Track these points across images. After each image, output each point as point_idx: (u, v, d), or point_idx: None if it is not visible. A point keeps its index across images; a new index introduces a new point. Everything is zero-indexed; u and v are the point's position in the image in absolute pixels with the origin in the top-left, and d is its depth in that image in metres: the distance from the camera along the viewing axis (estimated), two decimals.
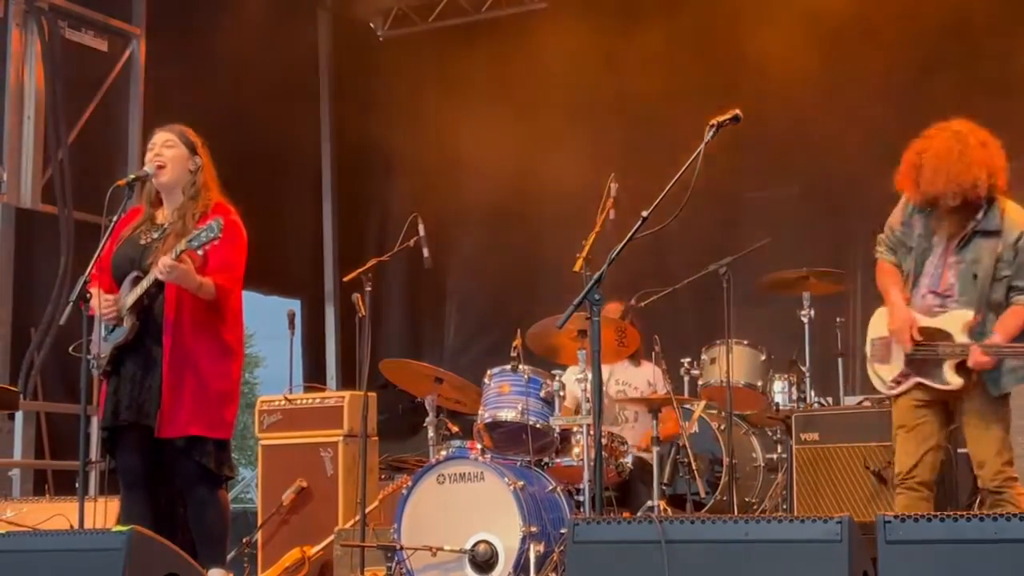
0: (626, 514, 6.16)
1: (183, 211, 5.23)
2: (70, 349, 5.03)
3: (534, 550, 5.44)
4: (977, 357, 4.85)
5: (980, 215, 4.97)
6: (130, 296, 5.14)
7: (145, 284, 5.09)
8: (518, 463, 5.84)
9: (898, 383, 5.10)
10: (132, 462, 5.18)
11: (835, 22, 8.29)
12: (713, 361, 7.01)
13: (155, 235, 5.25)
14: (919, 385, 5.05)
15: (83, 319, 4.99)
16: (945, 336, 4.96)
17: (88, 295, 4.94)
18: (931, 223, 5.07)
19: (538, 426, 5.89)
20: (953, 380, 4.95)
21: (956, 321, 4.96)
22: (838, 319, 7.55)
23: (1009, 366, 4.95)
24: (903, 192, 5.12)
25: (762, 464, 7.00)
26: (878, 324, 5.23)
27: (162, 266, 4.97)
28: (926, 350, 4.99)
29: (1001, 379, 4.97)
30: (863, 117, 8.43)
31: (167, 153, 5.25)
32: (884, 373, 5.17)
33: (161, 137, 5.29)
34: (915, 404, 5.06)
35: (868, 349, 5.28)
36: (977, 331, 4.94)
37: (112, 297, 5.16)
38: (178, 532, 5.15)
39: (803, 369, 7.11)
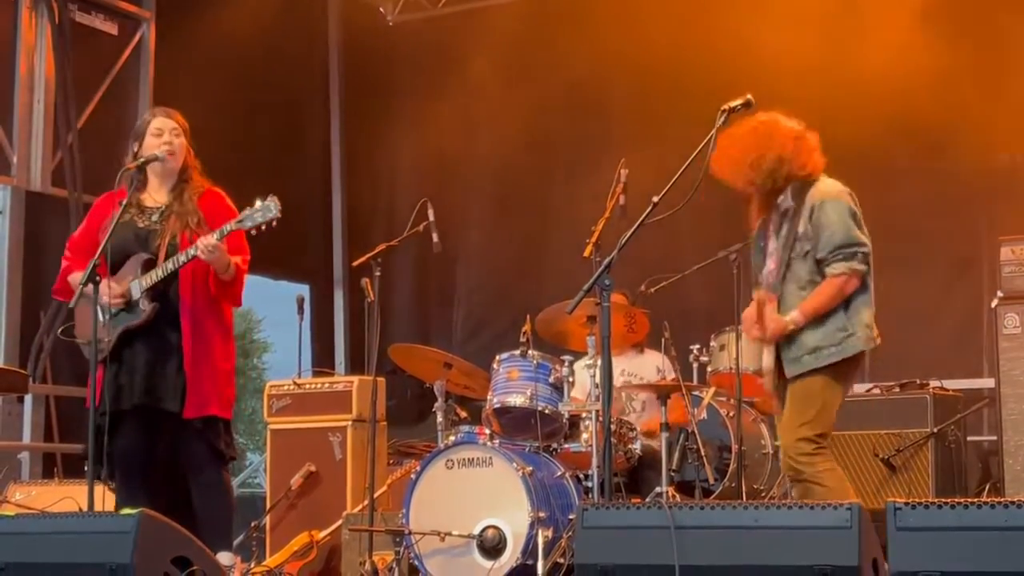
0: (635, 500, 6.16)
1: (179, 192, 5.33)
2: (59, 332, 5.04)
3: (542, 535, 5.44)
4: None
5: (780, 199, 5.00)
6: (145, 278, 5.17)
7: (171, 266, 5.15)
8: (527, 448, 5.84)
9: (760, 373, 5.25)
10: (132, 447, 5.19)
11: (844, 14, 8.26)
12: (722, 348, 6.98)
13: (154, 218, 5.29)
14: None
15: (93, 303, 5.00)
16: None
17: (97, 279, 4.95)
18: (759, 223, 5.12)
19: (547, 412, 5.88)
20: (766, 360, 5.04)
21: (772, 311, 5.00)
22: None
23: (793, 355, 4.93)
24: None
25: (771, 451, 6.97)
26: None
27: (205, 247, 5.05)
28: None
29: (789, 364, 4.96)
30: (874, 105, 8.39)
31: (176, 141, 5.36)
32: (766, 358, 5.13)
33: (168, 124, 5.38)
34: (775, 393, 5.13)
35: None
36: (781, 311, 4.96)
37: (116, 286, 5.17)
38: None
39: None
